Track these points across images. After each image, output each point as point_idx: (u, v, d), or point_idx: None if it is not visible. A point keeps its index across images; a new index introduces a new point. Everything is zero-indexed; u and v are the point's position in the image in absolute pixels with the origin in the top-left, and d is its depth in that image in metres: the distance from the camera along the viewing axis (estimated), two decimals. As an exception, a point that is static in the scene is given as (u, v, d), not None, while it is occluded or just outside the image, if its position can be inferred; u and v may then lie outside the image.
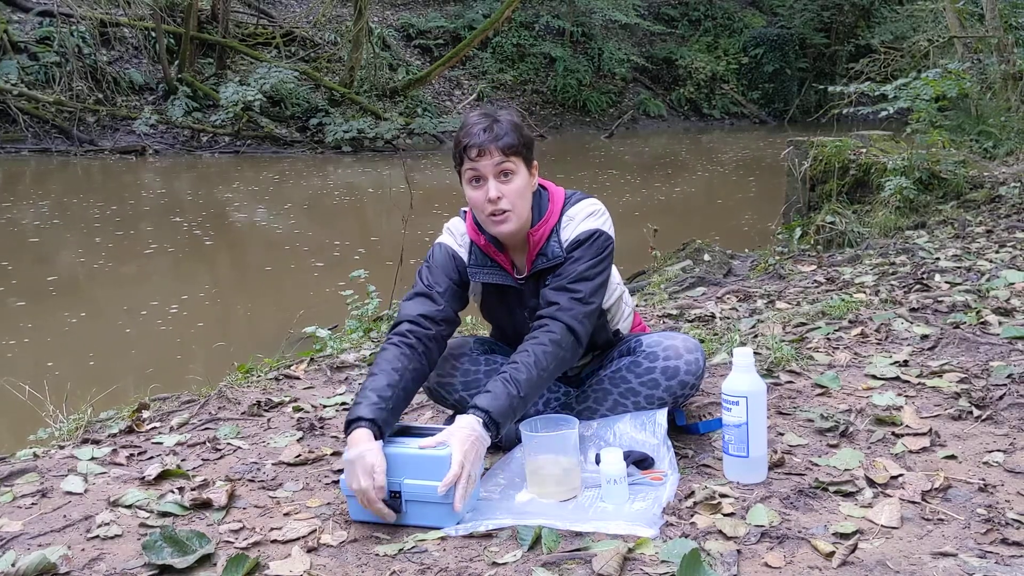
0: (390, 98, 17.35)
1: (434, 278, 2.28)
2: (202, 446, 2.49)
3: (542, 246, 2.24)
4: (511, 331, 2.39)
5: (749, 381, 2.05)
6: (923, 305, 3.52)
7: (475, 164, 2.14)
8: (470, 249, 2.31)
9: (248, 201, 11.13)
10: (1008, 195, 5.76)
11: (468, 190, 2.20)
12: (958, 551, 1.70)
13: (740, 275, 5.18)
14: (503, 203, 2.15)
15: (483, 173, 2.15)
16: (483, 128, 2.14)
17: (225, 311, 6.29)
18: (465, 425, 1.98)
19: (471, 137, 2.14)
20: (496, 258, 2.29)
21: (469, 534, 1.88)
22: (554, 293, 2.18)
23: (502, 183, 2.15)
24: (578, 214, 2.25)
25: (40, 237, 8.63)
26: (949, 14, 9.92)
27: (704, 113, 22.58)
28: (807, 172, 6.43)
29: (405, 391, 2.11)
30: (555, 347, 2.11)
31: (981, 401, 2.48)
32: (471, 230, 2.31)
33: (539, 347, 2.11)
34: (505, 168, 2.15)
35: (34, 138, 14.22)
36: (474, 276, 2.30)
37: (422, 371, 2.19)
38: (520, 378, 2.06)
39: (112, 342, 5.37)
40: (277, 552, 1.84)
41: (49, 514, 2.06)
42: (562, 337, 2.12)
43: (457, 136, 2.20)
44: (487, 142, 2.13)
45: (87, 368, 4.86)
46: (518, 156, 2.17)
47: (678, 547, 1.72)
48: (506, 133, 2.15)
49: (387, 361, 2.12)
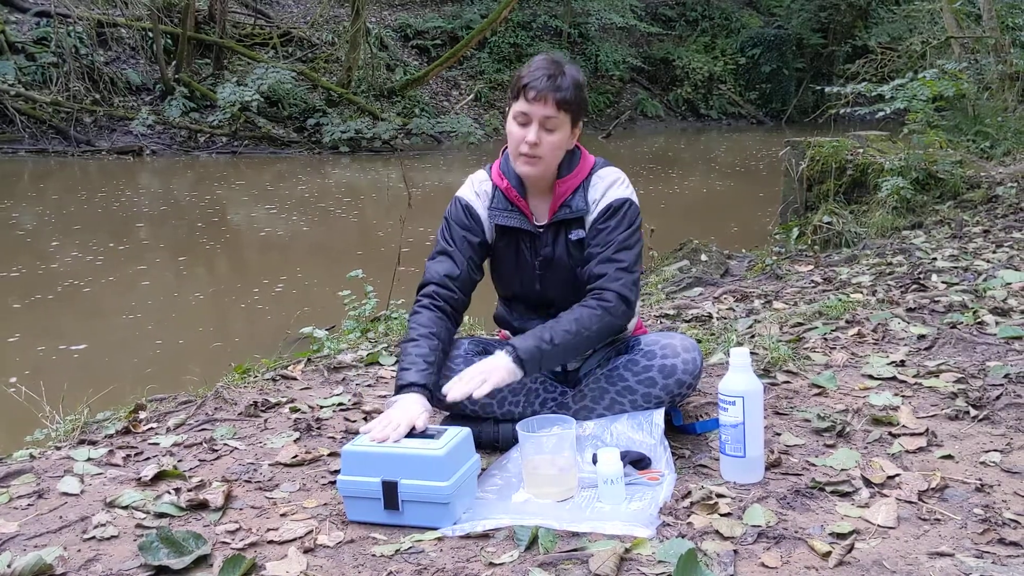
0: (387, 98, 17.35)
1: (452, 234, 2.39)
2: (199, 447, 2.48)
3: (567, 197, 2.33)
4: (517, 286, 2.44)
5: (746, 381, 2.06)
6: (920, 305, 3.53)
7: (528, 107, 2.23)
8: (492, 193, 2.40)
9: (245, 201, 11.12)
10: (1005, 195, 5.77)
11: (511, 124, 2.29)
12: (955, 551, 1.71)
13: (737, 275, 5.19)
14: (538, 150, 2.25)
15: (531, 117, 2.23)
16: (548, 75, 2.22)
17: (222, 312, 6.28)
18: (496, 356, 2.17)
19: (534, 79, 2.22)
20: (517, 203, 2.37)
21: (466, 534, 1.88)
22: (600, 266, 2.27)
23: (544, 132, 2.24)
24: (607, 176, 2.36)
25: (37, 237, 8.61)
26: (946, 14, 9.93)
27: (701, 113, 22.60)
28: (804, 172, 6.44)
29: (444, 353, 2.28)
30: (604, 312, 2.23)
31: (978, 401, 2.49)
32: (496, 174, 2.41)
33: (586, 309, 2.24)
34: (552, 122, 2.23)
35: (31, 138, 14.19)
36: (493, 217, 2.39)
37: (452, 331, 2.35)
38: (556, 328, 2.20)
39: (109, 343, 5.36)
40: (274, 553, 1.84)
41: (45, 515, 2.06)
42: (615, 304, 2.24)
43: (520, 73, 2.28)
44: (547, 90, 2.21)
45: (84, 369, 4.85)
46: (568, 114, 2.25)
47: (675, 547, 1.72)
48: (567, 88, 2.23)
49: (424, 326, 2.26)
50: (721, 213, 10.00)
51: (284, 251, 8.35)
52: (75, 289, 6.62)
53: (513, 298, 2.51)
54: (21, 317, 6.01)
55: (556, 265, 2.37)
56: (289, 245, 8.64)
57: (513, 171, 2.35)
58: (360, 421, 2.66)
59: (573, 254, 2.35)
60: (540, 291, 2.41)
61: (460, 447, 2.00)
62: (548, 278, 2.39)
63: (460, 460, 1.99)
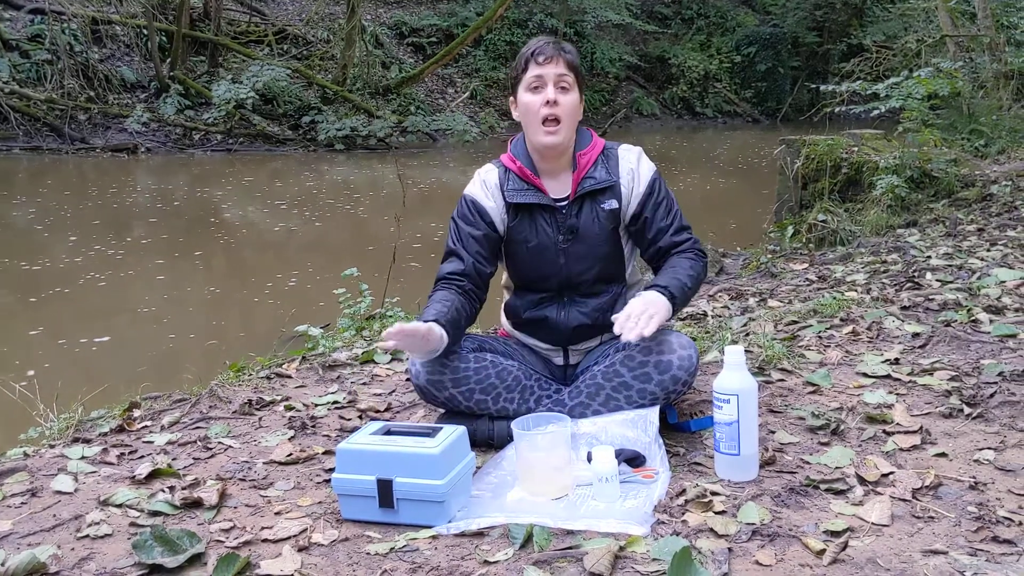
0: (383, 96, 17.33)
1: (459, 233, 2.45)
2: (193, 445, 2.48)
3: (589, 169, 2.41)
4: (537, 265, 2.46)
5: (740, 379, 2.06)
6: (914, 303, 3.53)
7: (541, 69, 2.33)
8: (506, 177, 2.46)
9: (240, 199, 11.09)
10: (999, 193, 5.78)
11: (526, 96, 2.36)
12: (948, 549, 1.71)
13: (732, 273, 5.19)
14: (558, 110, 2.32)
15: (545, 79, 2.33)
16: (551, 42, 2.37)
17: (217, 309, 6.26)
18: (650, 293, 2.23)
19: (540, 46, 2.36)
20: (532, 181, 2.43)
21: (460, 532, 1.87)
22: (675, 236, 2.42)
23: (560, 93, 2.33)
24: (631, 150, 2.48)
25: (31, 235, 8.59)
26: (941, 13, 9.94)
27: (697, 112, 22.61)
28: (799, 171, 6.44)
29: (458, 312, 2.31)
30: (705, 264, 2.43)
31: (972, 399, 2.49)
32: (507, 158, 2.48)
33: (692, 261, 2.38)
34: (566, 81, 2.35)
35: (25, 136, 14.14)
36: (511, 197, 2.43)
37: (470, 306, 2.39)
38: (681, 273, 2.32)
39: (103, 341, 5.35)
40: (268, 551, 1.84)
41: (39, 513, 2.05)
42: (707, 257, 2.46)
43: (522, 51, 2.41)
44: (555, 52, 2.34)
45: (78, 367, 4.84)
46: (576, 77, 2.37)
47: (669, 545, 1.72)
48: (572, 52, 2.39)
49: (434, 300, 2.33)
50: (716, 211, 10.00)
51: (279, 249, 8.34)
52: (69, 286, 6.60)
53: (528, 284, 2.52)
54: (14, 314, 5.99)
55: (583, 236, 2.42)
56: (284, 243, 8.62)
57: (525, 152, 2.44)
58: (355, 419, 2.66)
59: (603, 224, 2.43)
60: (563, 265, 2.44)
61: (455, 445, 2.00)
62: (572, 251, 2.43)
63: (455, 458, 1.99)
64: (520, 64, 2.38)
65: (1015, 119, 8.33)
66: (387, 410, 2.74)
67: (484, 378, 2.35)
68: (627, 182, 2.43)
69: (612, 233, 2.45)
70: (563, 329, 2.49)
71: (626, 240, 2.50)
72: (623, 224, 2.46)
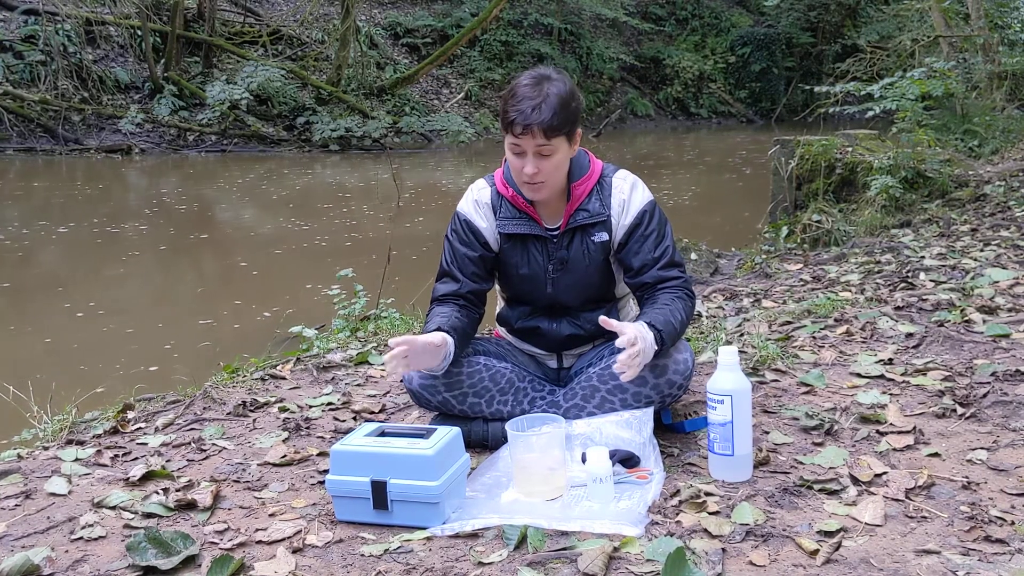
0: (378, 96, 17.33)
1: (454, 254, 2.43)
2: (187, 447, 2.48)
3: (583, 201, 2.36)
4: (525, 289, 2.46)
5: (734, 380, 2.06)
6: (908, 303, 3.54)
7: (519, 140, 2.22)
8: (499, 202, 2.42)
9: (235, 200, 11.08)
10: (993, 194, 5.80)
11: (509, 154, 2.29)
12: (941, 548, 1.71)
13: (726, 274, 5.20)
14: (539, 177, 2.26)
15: (524, 149, 2.23)
16: (532, 106, 2.18)
17: (211, 310, 6.25)
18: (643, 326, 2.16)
19: (518, 113, 2.19)
20: (525, 210, 2.39)
21: (455, 534, 1.87)
22: (664, 271, 2.34)
23: (541, 160, 2.24)
24: (626, 180, 2.41)
25: (24, 236, 8.56)
26: (935, 13, 9.97)
27: (691, 112, 22.65)
28: (793, 171, 6.46)
29: (460, 321, 2.32)
30: (693, 303, 2.36)
31: (965, 399, 2.50)
32: (500, 183, 2.43)
33: (682, 301, 2.31)
34: (546, 148, 2.22)
35: (19, 137, 14.12)
36: (501, 226, 2.41)
37: (469, 320, 2.39)
38: (674, 314, 2.25)
39: (97, 342, 5.33)
40: (262, 553, 1.84)
41: (33, 515, 2.05)
42: (694, 296, 2.40)
43: (505, 102, 2.26)
44: (532, 123, 2.18)
45: (72, 368, 4.83)
46: (560, 136, 2.23)
47: (663, 546, 1.73)
48: (553, 113, 2.18)
49: (433, 315, 2.34)
50: (711, 212, 10.02)
51: (273, 250, 8.32)
52: (63, 287, 6.59)
53: (518, 300, 2.53)
54: (8, 315, 5.97)
55: (572, 267, 2.39)
56: (278, 244, 8.60)
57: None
58: (349, 421, 2.65)
59: (593, 256, 2.39)
60: (551, 294, 2.43)
61: (449, 446, 2.00)
62: (561, 281, 2.41)
63: (449, 459, 1.99)
64: (502, 119, 2.27)
65: (1008, 119, 8.36)
66: (381, 411, 2.74)
67: (477, 381, 2.35)
68: (617, 214, 2.37)
69: (603, 263, 2.43)
70: (556, 337, 2.50)
71: (616, 267, 2.47)
72: (612, 253, 2.43)
